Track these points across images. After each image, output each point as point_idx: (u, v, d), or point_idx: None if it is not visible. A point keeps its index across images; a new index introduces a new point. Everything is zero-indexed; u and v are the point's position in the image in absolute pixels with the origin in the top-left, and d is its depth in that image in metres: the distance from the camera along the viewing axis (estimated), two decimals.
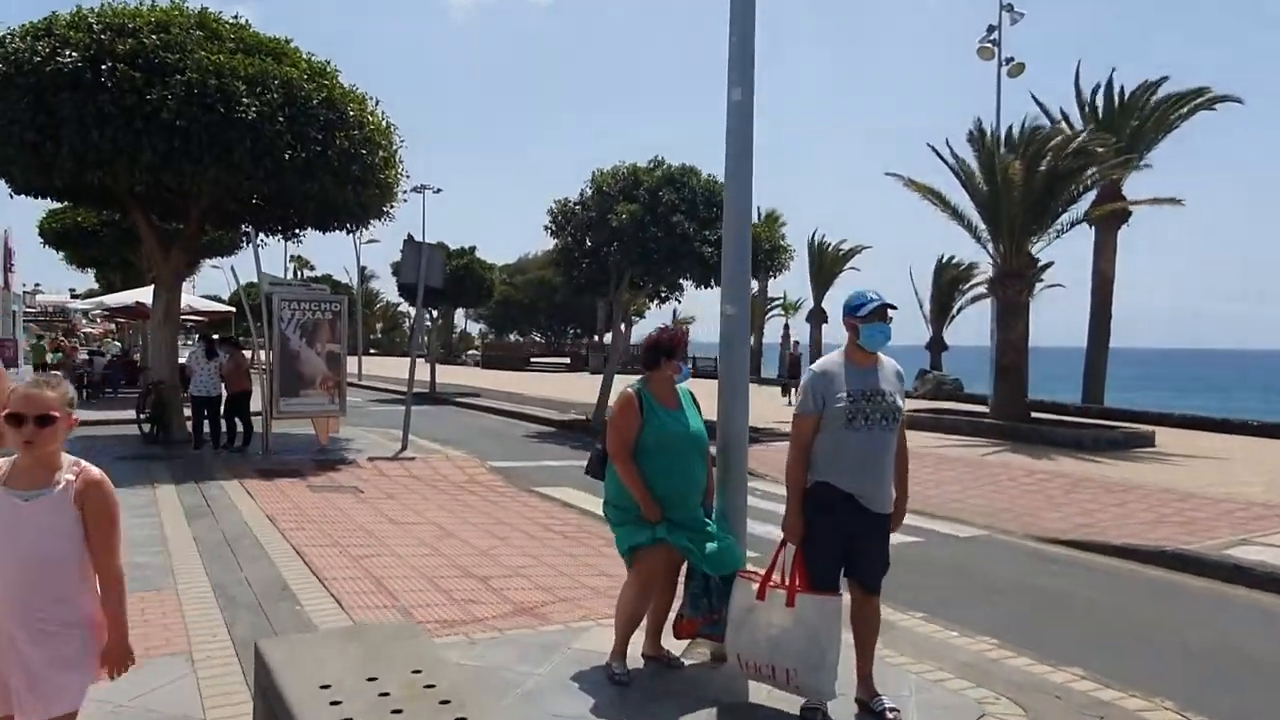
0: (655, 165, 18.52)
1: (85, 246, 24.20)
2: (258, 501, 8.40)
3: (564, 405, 23.07)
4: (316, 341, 12.09)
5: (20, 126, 10.35)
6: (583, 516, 9.29)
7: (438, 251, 13.15)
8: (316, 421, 12.23)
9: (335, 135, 11.62)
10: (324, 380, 12.12)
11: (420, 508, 8.94)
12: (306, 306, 12.01)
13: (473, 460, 12.58)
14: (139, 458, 11.23)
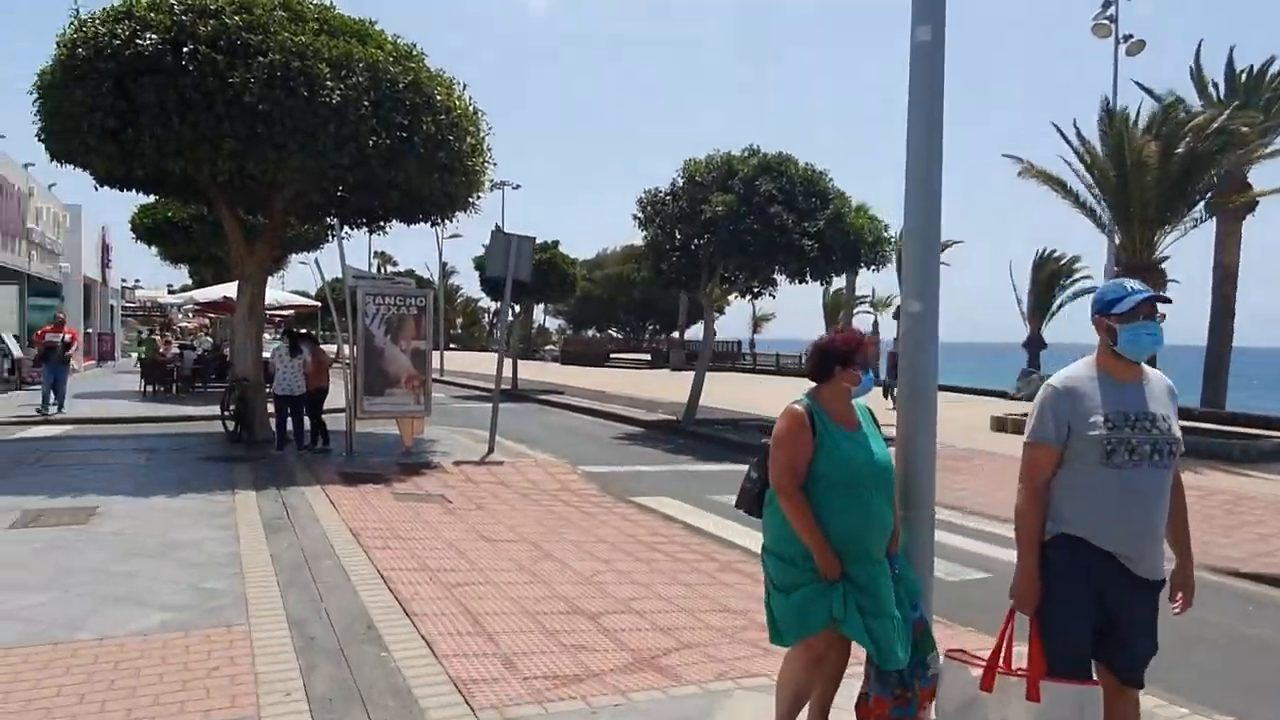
0: (750, 153, 17.51)
1: (176, 242, 24.38)
2: (340, 512, 7.75)
3: (649, 404, 22.23)
4: (401, 338, 11.48)
5: (101, 114, 9.96)
6: (688, 533, 8.42)
7: (526, 243, 12.41)
8: (401, 422, 11.63)
9: (421, 120, 10.97)
10: (409, 379, 11.50)
11: (512, 521, 8.17)
12: (391, 301, 11.41)
13: (563, 465, 11.82)
14: (221, 459, 10.79)
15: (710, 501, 10.17)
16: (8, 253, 23.15)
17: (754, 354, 48.88)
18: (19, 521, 7.04)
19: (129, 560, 5.96)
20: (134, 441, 12.19)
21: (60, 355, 15.39)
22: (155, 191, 13.47)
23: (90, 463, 10.15)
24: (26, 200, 24.82)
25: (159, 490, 8.53)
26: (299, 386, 11.24)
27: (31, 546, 6.29)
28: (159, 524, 7.09)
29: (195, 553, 6.19)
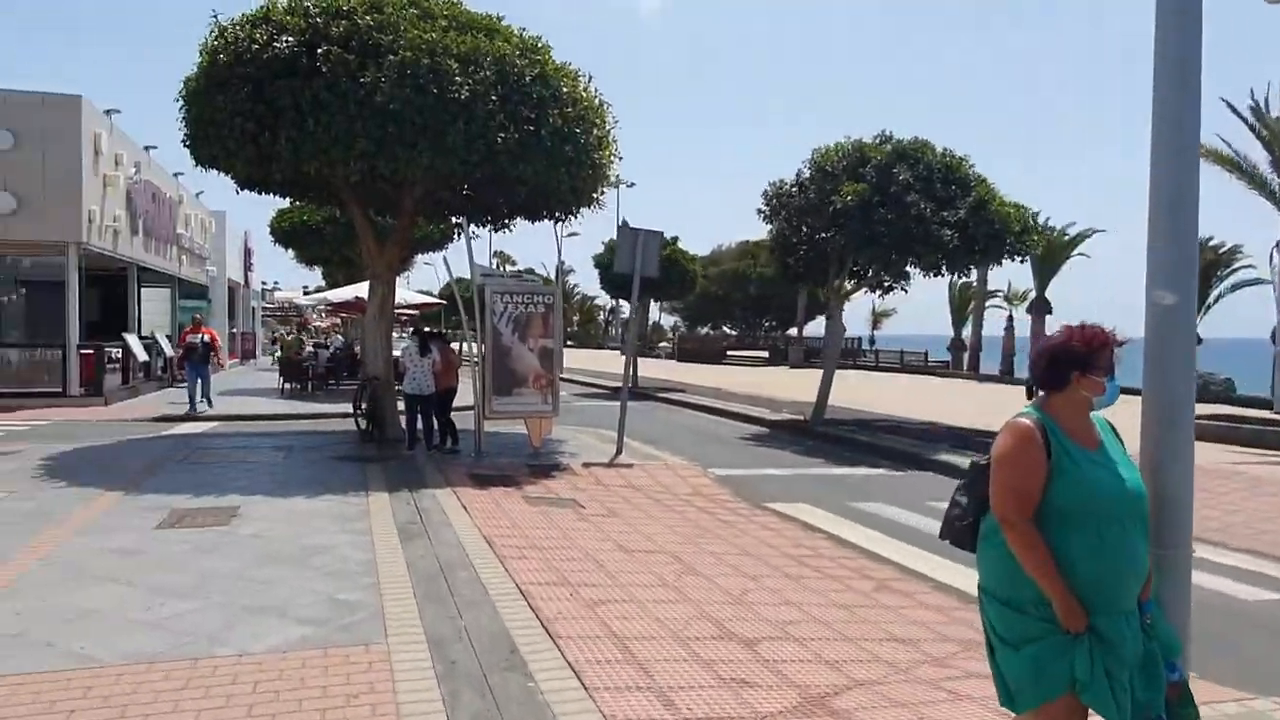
0: (883, 140, 16.62)
1: (310, 244, 25.26)
2: (473, 517, 7.52)
3: (772, 403, 21.55)
4: (529, 336, 11.28)
5: (241, 118, 10.13)
6: (834, 545, 7.83)
7: (654, 239, 12.03)
8: (529, 422, 11.44)
9: (548, 113, 10.71)
10: (537, 378, 11.30)
11: (649, 529, 7.77)
12: (519, 299, 11.22)
13: (694, 468, 11.38)
14: (354, 459, 10.84)
15: (853, 510, 9.53)
16: (161, 258, 24.49)
17: (876, 351, 47.22)
18: (167, 521, 7.10)
19: (267, 566, 5.85)
20: (272, 440, 12.46)
21: (201, 355, 15.85)
22: (291, 194, 13.79)
23: (232, 461, 10.36)
24: (177, 207, 26.24)
25: (296, 490, 8.55)
26: (428, 386, 11.20)
27: (178, 548, 6.28)
28: (296, 527, 7.02)
29: (331, 559, 6.04)
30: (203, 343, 15.98)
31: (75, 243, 17.53)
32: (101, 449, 11.36)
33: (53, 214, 17.21)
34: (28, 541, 6.39)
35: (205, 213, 32.19)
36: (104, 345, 18.99)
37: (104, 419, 15.62)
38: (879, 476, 12.09)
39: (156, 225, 23.34)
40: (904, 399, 23.78)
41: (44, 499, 7.96)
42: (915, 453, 13.60)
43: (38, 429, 14.15)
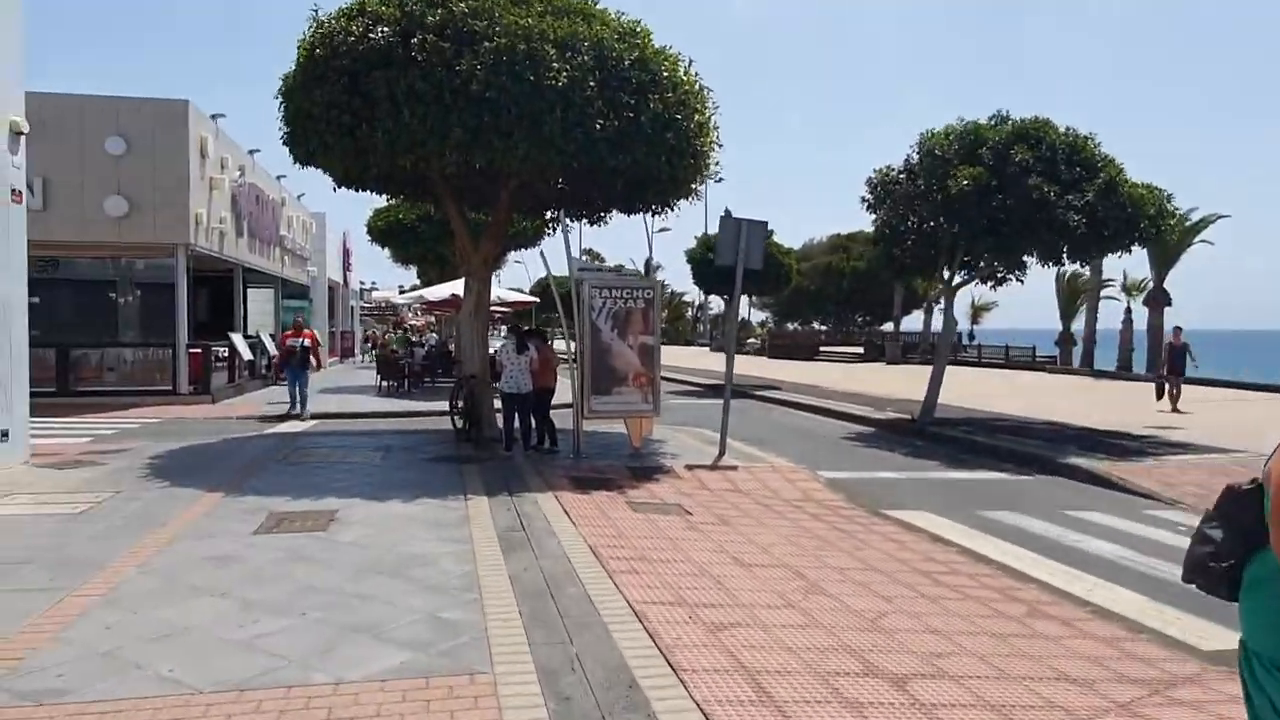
0: (998, 120, 15.55)
1: (406, 243, 25.48)
2: (577, 525, 7.09)
3: (874, 400, 20.61)
4: (629, 333, 10.82)
5: (338, 111, 9.95)
6: (969, 560, 7.10)
7: (757, 229, 11.41)
8: (629, 422, 10.99)
9: (648, 99, 10.22)
10: (637, 376, 10.83)
11: (763, 539, 7.20)
12: (618, 294, 10.78)
13: (801, 471, 10.73)
14: (451, 459, 10.58)
15: (982, 520, 8.75)
16: (264, 258, 25.08)
17: (978, 346, 45.23)
18: (265, 525, 6.89)
19: (365, 579, 5.52)
20: (369, 440, 12.34)
21: (300, 359, 15.46)
22: (387, 190, 13.68)
23: (330, 462, 10.22)
24: (280, 209, 26.85)
25: (394, 493, 8.29)
26: (526, 385, 10.85)
27: (275, 556, 6.03)
28: (394, 533, 6.71)
29: (432, 572, 5.67)
30: (302, 347, 15.57)
31: (183, 244, 17.95)
32: (205, 448, 11.42)
33: (162, 217, 17.66)
34: (131, 545, 6.24)
35: (306, 214, 32.97)
36: (211, 345, 19.45)
37: (210, 416, 15.91)
38: (1002, 482, 11.20)
39: (260, 227, 23.87)
40: (1017, 397, 22.46)
41: (149, 499, 7.89)
42: (1040, 455, 12.62)
43: (149, 426, 14.45)
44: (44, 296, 26.73)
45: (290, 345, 15.75)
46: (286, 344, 15.93)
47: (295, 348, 15.57)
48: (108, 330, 25.38)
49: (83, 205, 17.31)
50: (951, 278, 16.58)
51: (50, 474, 9.12)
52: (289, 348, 15.72)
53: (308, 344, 15.63)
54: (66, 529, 6.73)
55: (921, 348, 48.51)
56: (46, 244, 17.70)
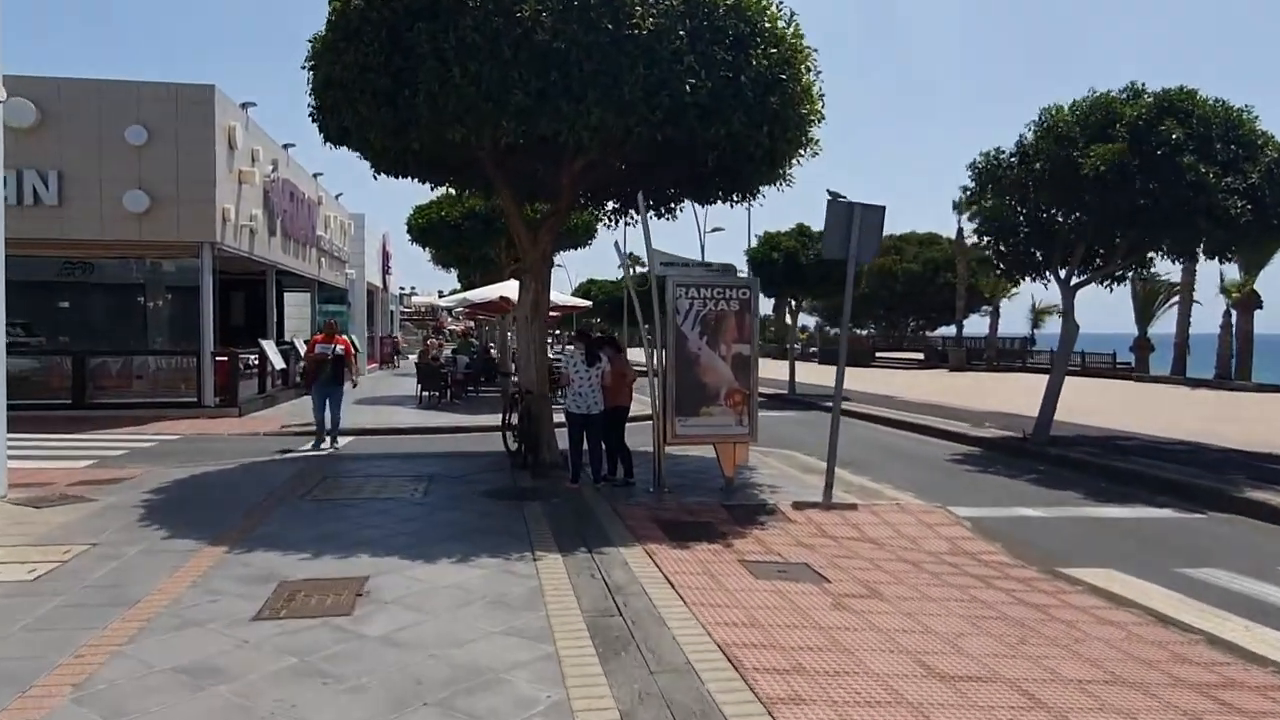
0: (1133, 93, 13.39)
1: (448, 242, 23.81)
2: (690, 604, 5.21)
3: (959, 413, 18.49)
4: (720, 341, 8.94)
5: (374, 73, 8.22)
6: (1244, 663, 5.08)
7: (874, 215, 9.44)
8: (721, 448, 9.08)
9: (750, 55, 8.36)
10: (730, 393, 8.94)
11: (944, 625, 5.25)
12: (708, 294, 8.90)
13: (935, 510, 8.76)
14: (508, 493, 8.76)
15: (1189, 582, 6.80)
16: (300, 260, 23.61)
17: (1050, 352, 42.50)
18: (270, 605, 5.10)
19: (403, 716, 3.68)
20: (410, 465, 10.55)
21: (331, 373, 12.32)
22: (431, 177, 11.90)
23: (362, 497, 8.45)
24: (316, 209, 25.40)
25: (441, 547, 6.48)
26: (597, 403, 8.99)
27: (276, 667, 4.22)
28: (444, 621, 4.88)
29: (504, 702, 3.82)
30: (334, 356, 12.39)
31: (209, 243, 16.43)
32: (218, 477, 9.73)
33: (186, 212, 16.15)
34: (81, 642, 4.48)
35: (344, 215, 31.57)
36: (238, 352, 17.93)
37: (235, 432, 14.31)
38: (1174, 523, 9.14)
39: (295, 226, 22.39)
40: (1126, 410, 20.20)
41: (130, 557, 6.17)
42: (1204, 486, 10.50)
43: (164, 445, 12.87)
44: (72, 301, 25.78)
45: (319, 353, 12.48)
46: (314, 352, 12.63)
47: (326, 356, 12.39)
48: (136, 337, 24.19)
49: (101, 200, 15.86)
50: (1069, 275, 14.46)
51: (23, 515, 7.46)
52: (317, 356, 12.49)
53: (341, 352, 12.48)
54: (2, 610, 5.00)
55: (987, 354, 45.94)
56: (62, 243, 16.34)
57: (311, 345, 13.10)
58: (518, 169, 10.83)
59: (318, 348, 12.60)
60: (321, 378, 12.39)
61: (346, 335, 14.81)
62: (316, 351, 12.57)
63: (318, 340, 12.87)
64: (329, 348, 12.47)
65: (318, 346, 12.64)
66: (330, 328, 12.88)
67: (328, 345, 12.52)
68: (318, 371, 12.43)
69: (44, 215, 15.67)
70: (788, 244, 24.39)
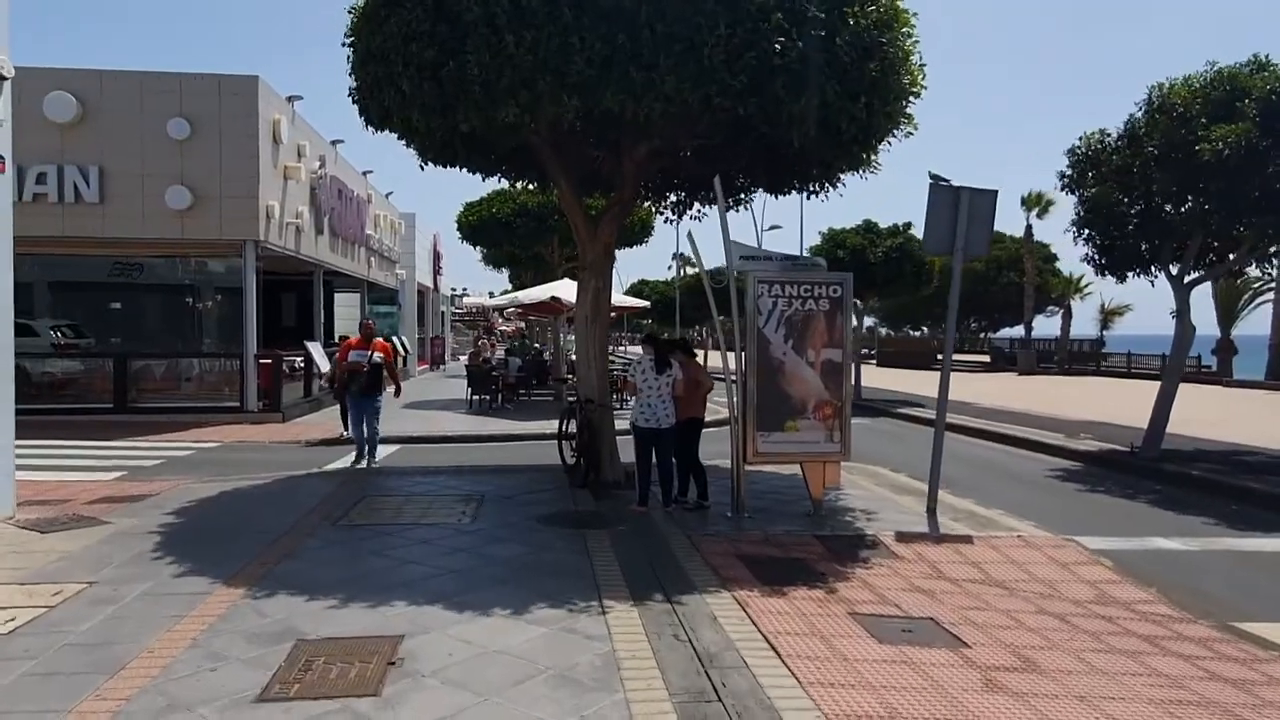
0: (1258, 66, 11.90)
1: (499, 240, 22.99)
2: (800, 678, 4.12)
3: (1045, 421, 17.00)
4: (808, 346, 7.79)
5: (418, 44, 7.27)
6: None
7: (985, 200, 8.22)
8: (808, 467, 7.93)
9: (846, 12, 7.22)
10: (820, 406, 7.79)
11: (1124, 709, 4.07)
12: (795, 291, 7.76)
13: (1060, 542, 7.52)
14: (567, 520, 7.71)
15: None
16: (349, 259, 22.97)
17: (1127, 354, 40.32)
18: (278, 679, 4.12)
19: None
20: (457, 482, 9.56)
21: (368, 382, 10.48)
22: (482, 166, 10.88)
23: (404, 523, 7.48)
24: (366, 207, 24.78)
25: (492, 593, 5.46)
26: (668, 416, 7.90)
27: None
28: (497, 702, 3.85)
29: None
30: (371, 363, 10.54)
31: (253, 241, 15.75)
32: (248, 494, 8.87)
33: (229, 209, 15.49)
34: None
35: (395, 214, 30.98)
36: (283, 355, 17.25)
37: (277, 440, 13.56)
38: None
39: (343, 225, 21.74)
40: (1228, 418, 18.50)
41: (129, 601, 5.26)
42: None
43: (201, 454, 12.15)
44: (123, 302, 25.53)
45: (354, 362, 10.53)
46: (347, 360, 10.64)
47: (361, 365, 10.47)
48: (186, 339, 23.81)
49: (143, 197, 15.27)
50: (1183, 271, 12.98)
51: (25, 541, 6.63)
52: (351, 365, 10.54)
53: (379, 359, 10.63)
54: None
55: (1058, 356, 43.84)
56: (103, 241, 15.80)
57: (344, 351, 10.93)
58: (576, 156, 9.81)
59: (351, 354, 10.64)
60: (353, 388, 10.55)
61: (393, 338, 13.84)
62: (351, 359, 10.61)
63: (351, 345, 10.82)
64: (364, 355, 10.58)
65: (351, 353, 10.66)
66: (367, 330, 11.01)
67: (363, 352, 10.60)
68: (350, 381, 10.58)
69: (85, 213, 15.12)
70: (854, 241, 23.05)
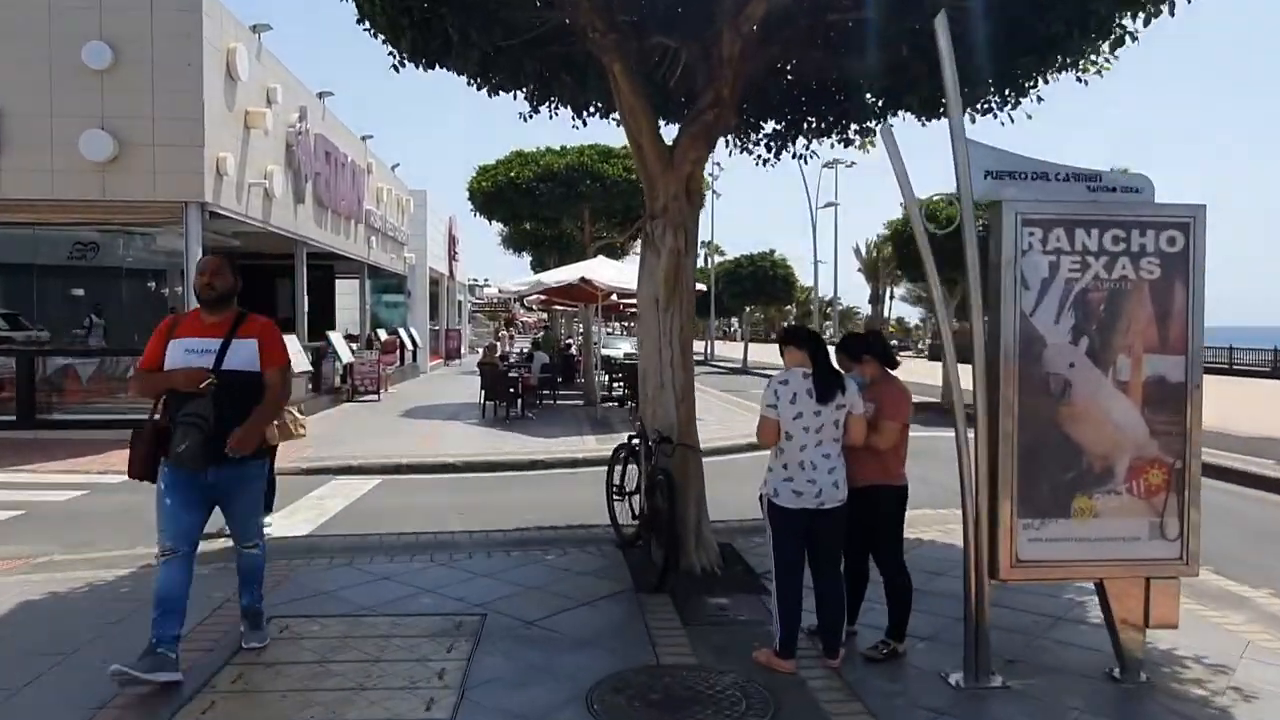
0: None
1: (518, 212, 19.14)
2: None
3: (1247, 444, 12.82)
4: (1117, 348, 3.96)
5: None
6: None
7: None
8: (1115, 588, 4.07)
9: None
10: (1139, 468, 3.95)
11: None
12: (1095, 242, 3.91)
13: None
14: (648, 699, 3.90)
15: None
16: (341, 236, 19.28)
17: (1275, 351, 32.32)
18: None
19: None
20: (443, 580, 5.65)
21: (213, 426, 3.82)
22: (492, 65, 7.09)
23: (332, 689, 3.72)
24: (364, 177, 21.10)
25: None
26: (841, 483, 4.05)
27: None
28: None
29: None
30: (223, 376, 3.90)
31: (197, 203, 12.06)
32: (69, 610, 5.15)
33: (165, 162, 11.81)
34: None
35: (402, 189, 27.34)
36: None
37: None
38: None
39: (333, 195, 18.04)
40: None
41: None
42: None
43: (95, 495, 8.51)
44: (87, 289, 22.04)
45: (185, 370, 3.89)
46: (171, 356, 3.96)
47: (200, 378, 3.84)
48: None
49: (51, 146, 11.63)
50: None
51: None
52: (165, 378, 3.96)
53: (247, 366, 4.01)
54: None
55: None
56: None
57: (157, 345, 4.04)
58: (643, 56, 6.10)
59: (178, 348, 3.98)
60: (186, 444, 3.79)
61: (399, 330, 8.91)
62: (175, 359, 3.96)
63: (187, 326, 4.09)
64: (212, 350, 3.96)
65: (179, 347, 3.98)
66: (218, 282, 4.04)
67: (209, 343, 3.97)
68: (178, 420, 3.84)
69: None
70: (950, 212, 19.02)
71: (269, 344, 4.12)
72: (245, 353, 4.03)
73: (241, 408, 3.97)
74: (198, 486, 3.98)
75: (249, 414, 3.99)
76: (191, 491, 3.97)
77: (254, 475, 4.21)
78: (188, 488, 3.96)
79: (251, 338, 4.07)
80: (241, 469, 4.07)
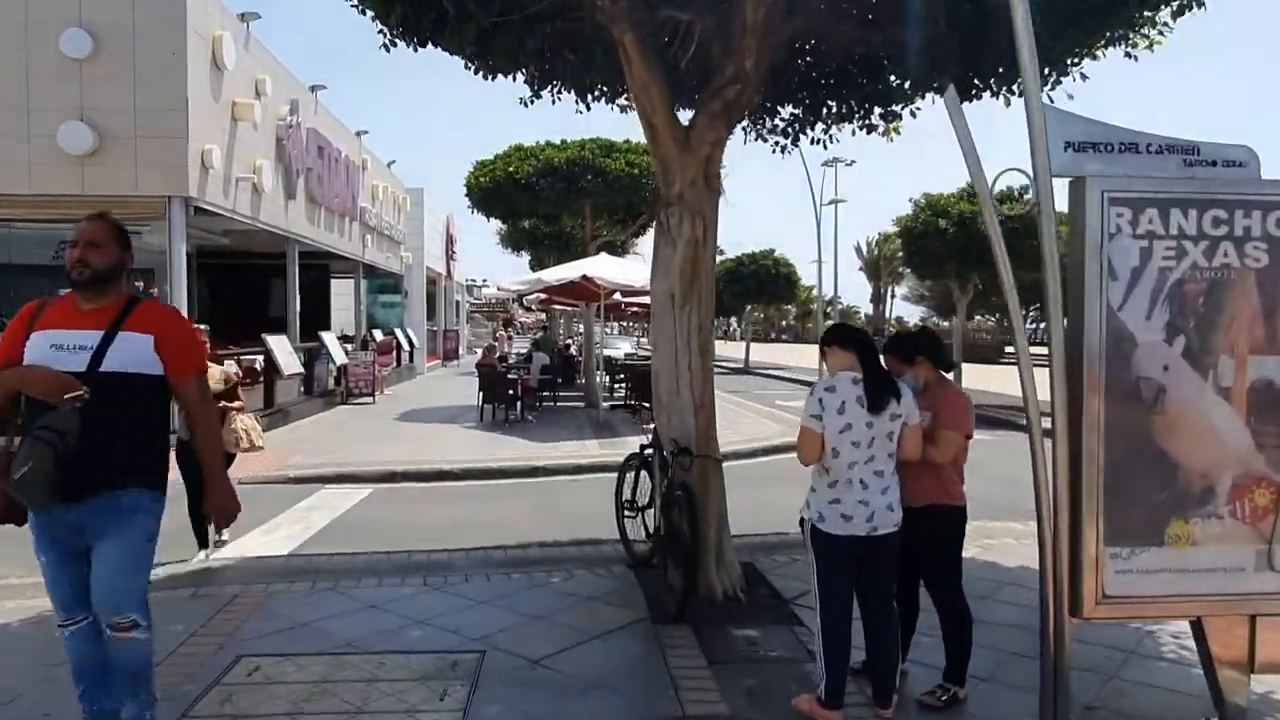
0: None
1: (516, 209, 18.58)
2: None
3: None
4: (1216, 348, 3.41)
5: None
6: None
7: None
8: (1214, 626, 3.53)
9: None
10: (1243, 488, 3.40)
11: None
12: (1194, 226, 3.37)
13: None
14: None
15: None
16: (334, 234, 18.72)
17: None
18: None
19: None
20: (433, 608, 5.16)
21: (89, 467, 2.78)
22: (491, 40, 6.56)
23: None
24: (359, 174, 20.55)
25: None
26: (895, 506, 3.52)
27: None
28: None
29: None
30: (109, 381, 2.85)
31: (180, 198, 11.53)
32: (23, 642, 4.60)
33: (147, 154, 11.27)
34: None
35: (399, 187, 26.80)
36: (242, 355, 13.05)
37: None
38: None
39: (327, 192, 17.49)
40: None
41: None
42: None
43: None
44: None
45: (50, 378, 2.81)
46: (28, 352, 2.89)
47: (73, 386, 2.80)
48: None
49: (28, 138, 11.09)
50: None
51: None
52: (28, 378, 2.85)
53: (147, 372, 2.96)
54: None
55: None
56: None
57: (12, 333, 2.98)
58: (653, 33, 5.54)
59: (37, 346, 2.90)
60: (29, 466, 2.70)
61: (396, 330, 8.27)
62: (29, 361, 2.89)
63: (54, 314, 2.98)
64: (89, 343, 2.88)
65: (41, 344, 2.90)
66: (78, 265, 2.91)
67: (87, 336, 2.89)
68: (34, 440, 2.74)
69: None
70: (962, 208, 18.48)
71: (176, 343, 2.99)
72: (134, 350, 2.89)
73: (123, 424, 2.85)
74: (62, 531, 2.88)
75: (133, 433, 2.91)
76: (57, 541, 2.91)
77: (134, 509, 2.91)
78: (52, 536, 2.91)
79: (146, 333, 2.92)
80: (114, 500, 2.86)
